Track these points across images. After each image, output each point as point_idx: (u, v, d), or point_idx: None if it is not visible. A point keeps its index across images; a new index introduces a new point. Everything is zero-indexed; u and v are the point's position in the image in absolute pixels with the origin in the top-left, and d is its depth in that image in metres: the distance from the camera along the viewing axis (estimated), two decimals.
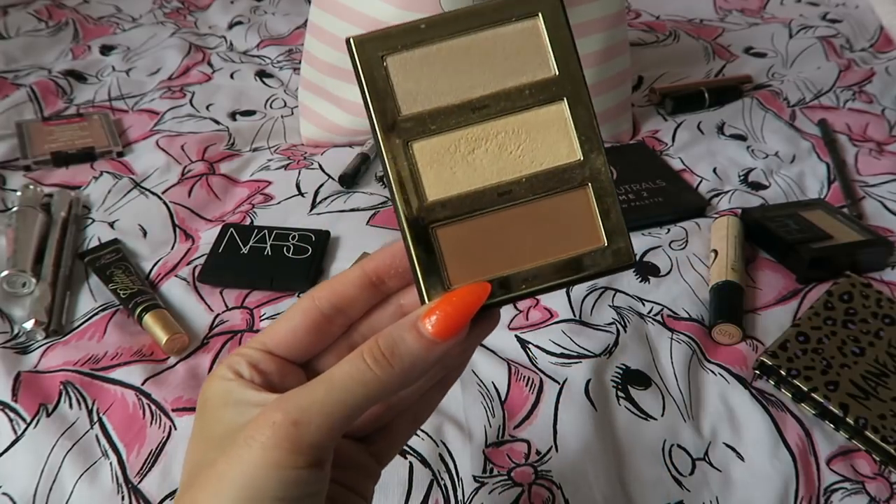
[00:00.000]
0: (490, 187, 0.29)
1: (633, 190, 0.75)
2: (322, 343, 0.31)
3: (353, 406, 0.26)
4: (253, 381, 0.29)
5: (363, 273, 0.31)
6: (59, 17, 1.12)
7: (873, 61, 1.05)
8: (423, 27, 0.29)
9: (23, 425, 0.52)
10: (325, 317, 0.30)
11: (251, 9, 1.18)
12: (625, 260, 0.30)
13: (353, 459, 0.32)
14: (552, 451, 0.52)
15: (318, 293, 0.30)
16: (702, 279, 0.66)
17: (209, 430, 0.29)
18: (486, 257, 0.29)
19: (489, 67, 0.30)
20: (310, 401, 0.26)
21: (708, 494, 0.50)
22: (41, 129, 0.84)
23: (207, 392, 0.29)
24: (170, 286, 0.64)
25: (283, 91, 0.96)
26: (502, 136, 0.30)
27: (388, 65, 0.29)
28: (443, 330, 0.27)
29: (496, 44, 0.30)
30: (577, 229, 0.30)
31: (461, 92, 0.29)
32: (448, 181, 0.29)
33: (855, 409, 0.53)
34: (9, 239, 0.66)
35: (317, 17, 0.80)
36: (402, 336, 0.27)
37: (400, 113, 0.29)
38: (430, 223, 0.29)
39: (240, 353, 0.30)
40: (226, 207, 0.75)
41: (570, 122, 0.30)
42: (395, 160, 0.29)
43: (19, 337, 0.59)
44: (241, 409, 0.28)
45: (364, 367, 0.27)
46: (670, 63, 1.04)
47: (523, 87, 0.30)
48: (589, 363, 0.57)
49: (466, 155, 0.29)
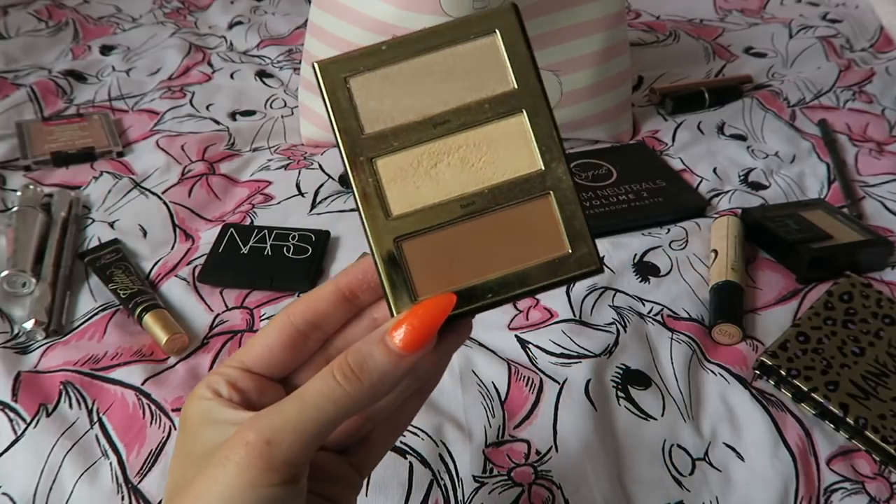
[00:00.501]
0: (453, 199, 0.30)
1: (633, 190, 0.75)
2: (299, 359, 0.31)
3: (324, 423, 0.27)
4: (231, 400, 0.30)
5: (336, 288, 0.31)
6: (59, 17, 1.12)
7: (873, 61, 1.05)
8: (384, 49, 0.30)
9: (23, 425, 0.52)
10: (301, 333, 0.31)
11: (251, 9, 1.18)
12: (590, 266, 0.30)
13: (332, 472, 0.32)
14: (552, 451, 0.52)
15: (292, 310, 0.31)
16: (702, 279, 0.66)
17: (189, 449, 0.29)
18: (452, 269, 0.30)
19: (450, 84, 0.30)
20: (282, 420, 0.27)
21: (708, 494, 0.50)
22: (41, 129, 0.84)
23: (187, 411, 0.30)
24: (170, 286, 0.64)
25: (283, 91, 0.96)
26: (464, 150, 0.30)
27: (352, 86, 0.31)
28: (410, 343, 0.27)
29: (456, 61, 0.30)
30: (540, 237, 0.30)
31: (423, 109, 0.30)
32: (412, 195, 0.30)
33: (855, 409, 0.53)
34: (9, 239, 0.66)
35: (317, 17, 0.80)
36: (370, 351, 0.28)
37: (363, 131, 0.30)
38: (396, 237, 0.30)
39: (218, 372, 0.31)
40: (226, 207, 0.75)
41: (530, 134, 0.30)
42: (359, 177, 0.30)
43: (19, 337, 0.59)
44: (220, 428, 0.28)
45: (334, 384, 0.27)
46: (670, 63, 1.04)
47: (483, 101, 0.30)
48: (589, 363, 0.57)
49: (429, 169, 0.30)
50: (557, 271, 0.30)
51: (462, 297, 0.29)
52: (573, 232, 0.30)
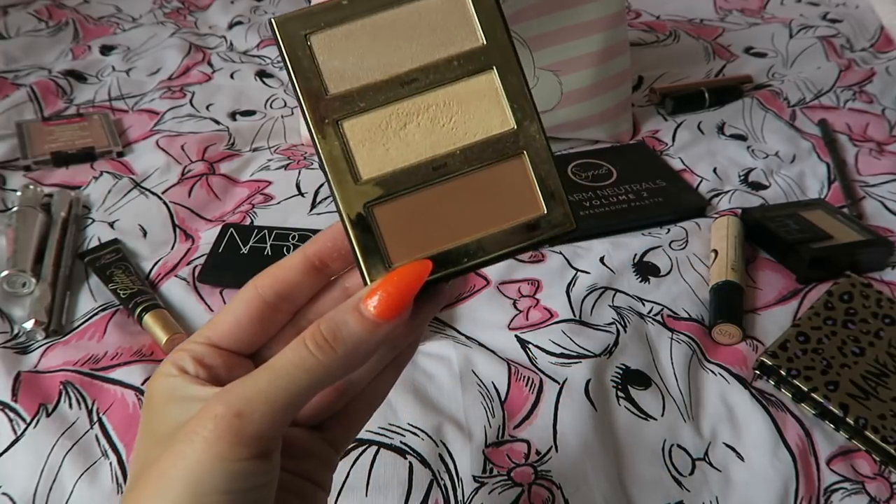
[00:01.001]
0: (424, 162, 0.29)
1: (633, 190, 0.75)
2: (268, 332, 0.30)
3: (296, 393, 0.26)
4: (198, 377, 0.28)
5: (305, 258, 0.30)
6: (59, 17, 1.12)
7: (873, 61, 1.05)
8: (345, 3, 0.29)
9: (23, 425, 0.52)
10: (269, 305, 0.30)
11: (251, 9, 1.18)
12: (566, 226, 0.29)
13: (307, 448, 0.31)
14: (552, 451, 0.51)
15: (260, 281, 0.30)
16: (702, 279, 0.66)
17: (154, 429, 0.28)
18: (426, 233, 0.29)
19: (416, 41, 0.29)
20: (253, 391, 0.26)
21: (708, 494, 0.50)
22: (41, 129, 0.84)
23: (151, 390, 0.29)
24: (170, 286, 0.64)
25: (283, 91, 0.96)
26: (433, 110, 0.29)
27: (313, 43, 0.29)
28: (385, 310, 0.26)
29: (421, 16, 0.29)
30: (515, 198, 0.29)
31: (389, 67, 0.29)
32: (381, 158, 0.29)
33: (855, 409, 0.53)
34: (9, 239, 0.66)
35: None
36: (343, 319, 0.27)
37: (327, 92, 0.29)
38: (367, 202, 0.29)
39: (183, 348, 0.29)
40: (226, 207, 0.75)
41: (500, 91, 0.29)
42: (325, 140, 0.29)
43: (19, 337, 0.59)
44: (186, 405, 0.27)
45: (306, 353, 0.26)
46: (670, 63, 1.04)
47: (451, 58, 0.29)
48: (589, 363, 0.57)
49: (398, 131, 0.29)
50: (533, 232, 0.29)
51: (437, 262, 0.28)
52: (548, 192, 0.29)
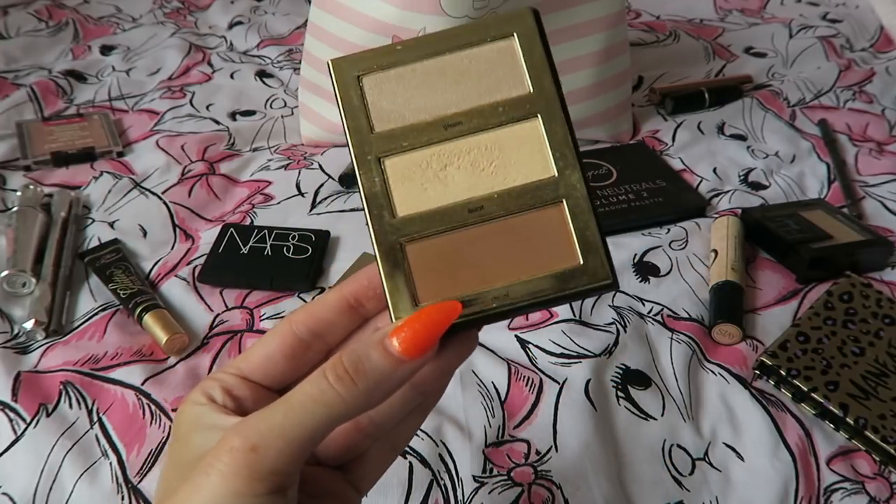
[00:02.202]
0: (461, 204, 0.29)
1: (633, 190, 0.75)
2: (300, 369, 0.30)
3: (314, 428, 0.25)
4: (225, 407, 0.28)
5: (341, 296, 0.30)
6: (59, 17, 1.12)
7: (873, 61, 1.05)
8: (399, 48, 0.30)
9: (23, 425, 0.52)
10: (303, 343, 0.30)
11: (251, 9, 1.18)
12: (603, 279, 0.29)
13: (328, 488, 0.31)
14: (552, 451, 0.51)
15: (295, 317, 0.30)
16: (702, 279, 0.66)
17: (179, 455, 0.28)
18: (457, 275, 0.29)
19: (463, 86, 0.30)
20: (269, 424, 0.25)
21: (708, 494, 0.50)
22: (41, 129, 0.84)
23: (180, 416, 0.29)
24: (170, 286, 0.64)
25: (283, 91, 0.96)
26: (475, 153, 0.30)
27: (364, 84, 0.30)
28: (411, 348, 0.26)
29: (471, 63, 0.30)
30: (551, 247, 0.29)
31: (435, 109, 0.30)
32: (419, 197, 0.29)
33: (855, 409, 0.53)
34: (9, 239, 0.66)
35: (317, 17, 0.80)
36: (367, 353, 0.26)
37: (373, 129, 0.30)
38: (400, 239, 0.29)
39: (214, 377, 0.29)
40: (226, 207, 0.75)
41: (544, 139, 0.29)
42: (367, 175, 0.29)
43: (19, 337, 0.59)
44: (211, 434, 0.27)
45: (326, 386, 0.26)
46: (670, 63, 1.04)
47: (497, 104, 0.30)
48: (589, 363, 0.57)
49: (438, 171, 0.29)
50: (568, 284, 0.28)
51: (466, 305, 0.28)
52: (586, 243, 0.29)
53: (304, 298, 0.63)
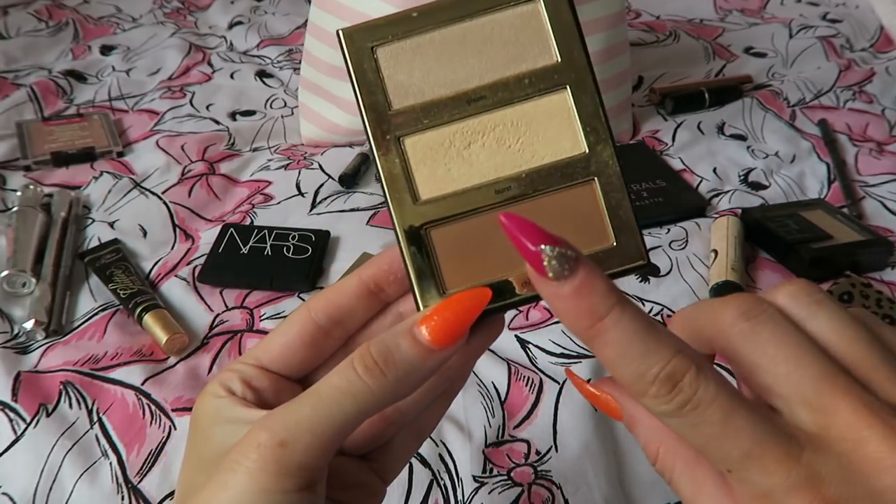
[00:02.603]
0: (487, 184, 0.27)
1: (633, 190, 0.75)
2: (319, 357, 0.29)
3: (343, 421, 0.25)
4: (245, 399, 0.28)
5: (360, 281, 0.29)
6: (59, 17, 1.12)
7: (873, 61, 1.05)
8: (415, 16, 0.28)
9: (23, 425, 0.52)
10: (322, 329, 0.29)
11: (251, 9, 1.18)
12: (636, 259, 0.27)
13: (354, 478, 0.30)
14: (552, 451, 0.52)
15: (313, 304, 0.29)
16: (702, 279, 0.66)
17: (200, 451, 0.27)
18: (484, 260, 0.27)
19: (486, 56, 0.28)
20: (296, 418, 0.24)
21: None
22: (41, 129, 0.84)
23: (198, 410, 0.28)
24: (170, 286, 0.64)
25: (283, 91, 0.96)
26: (500, 129, 0.28)
27: (379, 56, 0.28)
28: (441, 337, 0.25)
29: (493, 30, 0.28)
30: (583, 228, 0.27)
31: (456, 83, 0.28)
32: (442, 178, 0.28)
33: None
34: (9, 239, 0.66)
35: (317, 17, 0.80)
36: (396, 343, 0.25)
37: (391, 107, 0.28)
38: (424, 224, 0.27)
39: (232, 368, 0.29)
40: (226, 207, 0.75)
41: (573, 112, 0.28)
42: (386, 157, 0.27)
43: (19, 337, 0.59)
44: (232, 428, 0.26)
45: (354, 378, 0.25)
46: (670, 63, 1.04)
47: (523, 75, 0.28)
48: (589, 363, 0.57)
49: (462, 150, 0.28)
50: (601, 265, 0.26)
51: (494, 291, 0.26)
52: (619, 222, 0.27)
53: (304, 298, 0.63)
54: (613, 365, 0.23)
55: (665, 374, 0.22)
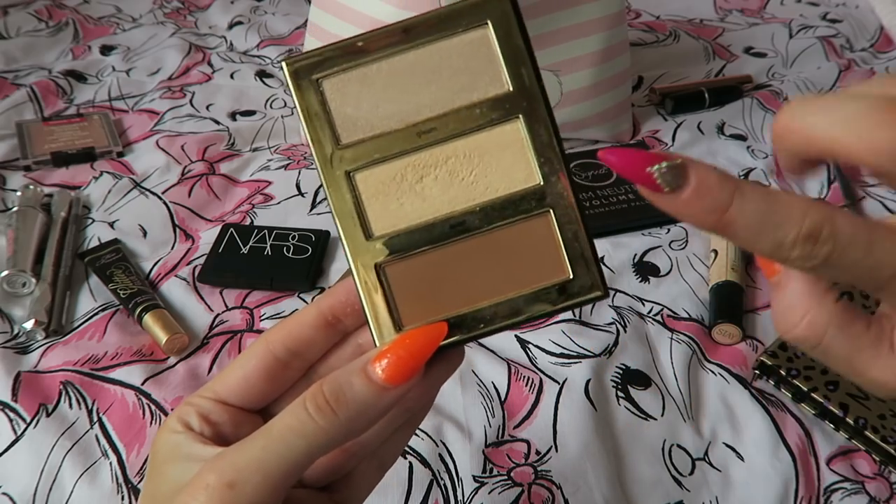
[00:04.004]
0: (441, 219, 0.27)
1: (633, 190, 0.75)
2: (279, 389, 0.29)
3: (294, 461, 0.24)
4: (202, 434, 0.27)
5: (318, 312, 0.29)
6: (59, 17, 1.12)
7: (874, 61, 1.05)
8: (360, 44, 0.27)
9: (23, 425, 0.52)
10: (280, 362, 0.28)
11: (251, 9, 1.18)
12: (593, 291, 0.27)
13: None
14: (552, 451, 0.52)
15: (271, 337, 0.28)
16: (702, 279, 0.66)
17: (154, 488, 0.27)
18: (440, 295, 0.27)
19: (435, 85, 0.27)
20: (246, 459, 0.24)
21: (708, 494, 0.50)
22: (41, 129, 0.84)
23: (156, 446, 0.28)
24: (170, 286, 0.64)
25: (283, 91, 0.96)
26: (452, 162, 0.27)
27: (325, 88, 0.27)
28: (395, 374, 0.25)
29: (442, 59, 0.27)
30: (539, 261, 0.27)
31: (405, 115, 0.27)
32: (396, 214, 0.27)
33: (855, 409, 0.53)
34: (9, 239, 0.66)
35: (317, 17, 0.80)
36: (349, 381, 0.25)
37: (340, 142, 0.27)
38: (379, 260, 0.27)
39: (190, 402, 0.28)
40: (226, 207, 0.75)
41: (527, 143, 0.27)
42: (337, 193, 0.27)
43: (19, 337, 0.59)
44: (187, 465, 0.26)
45: (305, 417, 0.24)
46: (670, 63, 1.04)
47: (474, 105, 0.27)
48: (589, 363, 0.57)
49: (414, 184, 0.27)
50: (558, 298, 0.27)
51: (451, 326, 0.26)
52: (575, 254, 0.27)
53: (305, 298, 0.63)
54: (751, 244, 0.22)
55: (803, 236, 0.22)
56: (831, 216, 0.22)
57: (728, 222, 0.22)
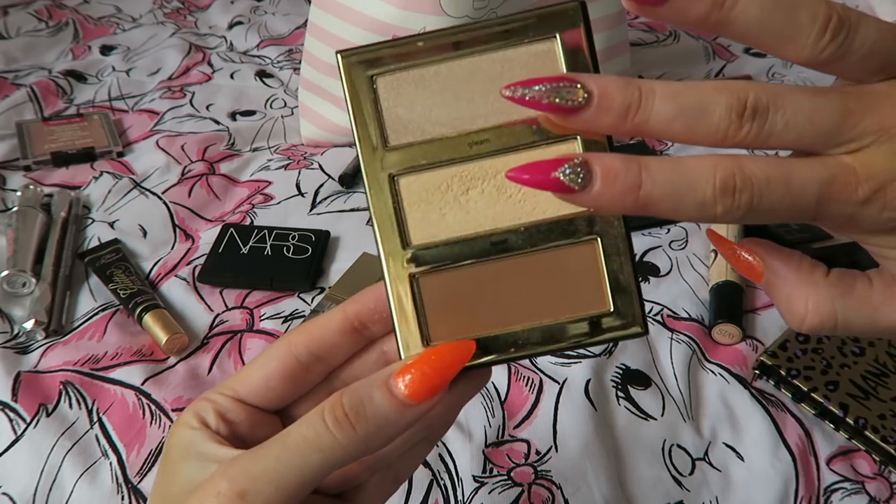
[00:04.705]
0: (483, 234, 0.26)
1: None
2: (298, 391, 0.29)
3: (308, 474, 0.24)
4: (218, 432, 0.27)
5: (344, 317, 0.28)
6: (60, 17, 1.12)
7: None
8: (420, 44, 0.26)
9: (23, 425, 0.52)
10: (302, 364, 0.28)
11: (251, 9, 1.18)
12: (633, 328, 0.26)
13: None
14: (552, 451, 0.52)
15: (294, 338, 0.28)
16: (702, 279, 0.66)
17: (166, 485, 0.27)
18: (473, 313, 0.26)
19: (493, 95, 0.26)
20: (260, 468, 0.24)
21: (708, 494, 0.50)
22: (41, 129, 0.84)
23: (171, 439, 0.27)
24: (170, 286, 0.64)
25: (283, 91, 0.96)
26: (502, 177, 0.26)
27: (379, 86, 0.26)
28: (418, 391, 0.24)
29: (504, 68, 0.26)
30: (579, 289, 0.26)
31: (459, 122, 0.26)
32: (436, 224, 0.26)
33: (855, 409, 0.53)
34: (9, 239, 0.66)
35: (317, 17, 0.80)
36: (369, 394, 0.24)
37: (387, 143, 0.26)
38: (414, 270, 0.26)
39: (208, 398, 0.28)
40: (226, 207, 0.75)
41: None
42: (378, 196, 0.26)
43: (19, 337, 0.59)
44: (201, 465, 0.26)
45: (322, 430, 0.24)
46: (670, 63, 1.04)
47: (530, 120, 0.26)
48: (589, 363, 0.57)
49: (459, 195, 0.26)
50: (595, 330, 0.26)
51: (481, 346, 0.26)
52: (619, 287, 0.26)
53: (305, 298, 0.63)
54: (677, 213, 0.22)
55: (720, 191, 0.21)
56: (739, 163, 0.22)
57: (646, 199, 0.22)
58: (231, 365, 0.57)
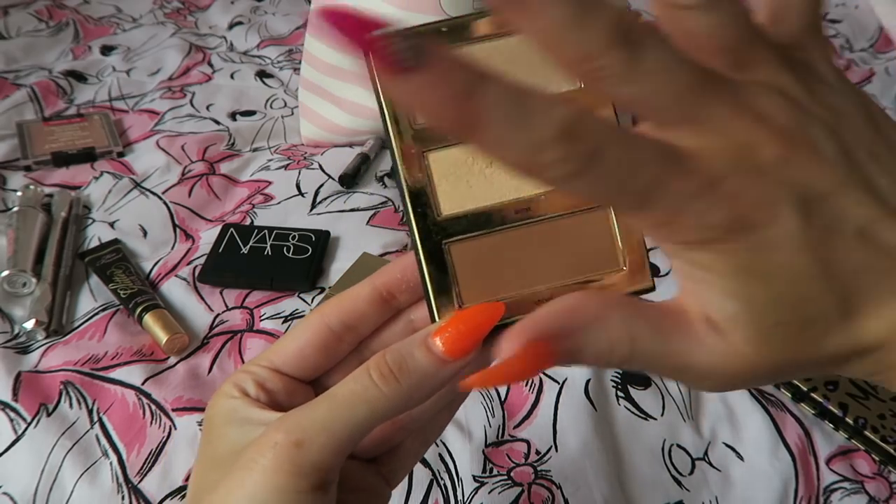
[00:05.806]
0: (507, 203, 0.28)
1: None
2: (331, 361, 0.30)
3: (357, 425, 0.25)
4: (258, 400, 0.28)
5: (373, 288, 0.30)
6: (60, 18, 1.12)
7: (873, 61, 1.05)
8: (444, 29, 0.28)
9: (23, 425, 0.52)
10: (335, 334, 0.30)
11: (251, 9, 1.18)
12: (643, 284, 0.29)
13: (361, 482, 0.31)
14: (552, 450, 0.52)
15: (326, 310, 0.30)
16: None
17: (213, 451, 0.28)
18: (500, 276, 0.28)
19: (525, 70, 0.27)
20: (312, 420, 0.25)
21: (708, 494, 0.50)
22: (41, 130, 0.84)
23: (212, 410, 0.29)
24: (170, 286, 0.64)
25: (283, 91, 0.96)
26: None
27: None
28: (454, 348, 0.26)
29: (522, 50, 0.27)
30: (595, 251, 0.29)
31: None
32: (464, 195, 0.28)
33: (854, 409, 0.53)
34: (9, 239, 0.66)
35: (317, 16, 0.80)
36: (411, 352, 0.26)
37: (416, 120, 0.28)
38: (444, 239, 0.28)
39: (246, 370, 0.29)
40: (226, 207, 0.75)
41: None
42: (410, 171, 0.28)
43: (19, 337, 0.59)
44: (246, 429, 0.27)
45: (369, 384, 0.26)
46: None
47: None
48: None
49: (484, 168, 0.28)
50: (608, 289, 0.29)
51: (509, 307, 0.27)
52: (630, 248, 0.29)
53: (305, 298, 0.63)
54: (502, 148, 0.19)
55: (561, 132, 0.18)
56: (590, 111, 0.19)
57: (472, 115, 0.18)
58: (231, 365, 0.57)
